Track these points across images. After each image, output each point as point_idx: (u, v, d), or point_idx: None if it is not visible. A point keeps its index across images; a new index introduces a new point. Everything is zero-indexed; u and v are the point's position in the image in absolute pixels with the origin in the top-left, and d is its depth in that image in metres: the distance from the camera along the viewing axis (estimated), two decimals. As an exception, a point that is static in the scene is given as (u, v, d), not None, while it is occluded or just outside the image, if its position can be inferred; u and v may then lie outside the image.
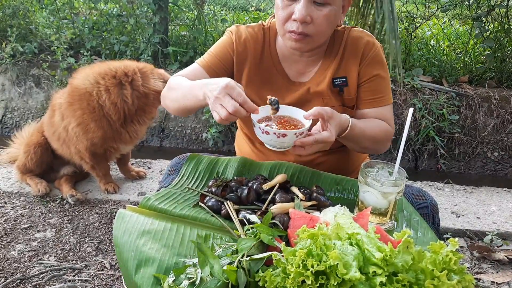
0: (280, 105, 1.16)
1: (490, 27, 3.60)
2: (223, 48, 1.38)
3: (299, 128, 1.11)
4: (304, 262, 0.75)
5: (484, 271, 1.99)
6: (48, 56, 3.61)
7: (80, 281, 1.83)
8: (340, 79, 1.34)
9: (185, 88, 1.23)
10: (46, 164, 2.48)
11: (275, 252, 0.82)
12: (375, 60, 1.34)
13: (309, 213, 1.02)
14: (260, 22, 1.43)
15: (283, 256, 0.80)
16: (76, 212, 2.30)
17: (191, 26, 3.97)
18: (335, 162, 1.41)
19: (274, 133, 1.06)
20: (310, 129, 1.14)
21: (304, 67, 1.38)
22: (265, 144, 1.14)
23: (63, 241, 2.07)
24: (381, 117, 1.36)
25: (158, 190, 1.21)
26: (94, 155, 2.31)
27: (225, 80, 1.05)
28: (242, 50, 1.37)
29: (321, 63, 1.37)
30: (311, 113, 1.12)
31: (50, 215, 2.27)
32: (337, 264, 0.73)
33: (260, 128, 1.08)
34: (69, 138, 2.28)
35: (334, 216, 0.93)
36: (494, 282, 1.91)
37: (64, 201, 2.38)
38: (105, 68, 2.19)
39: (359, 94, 1.37)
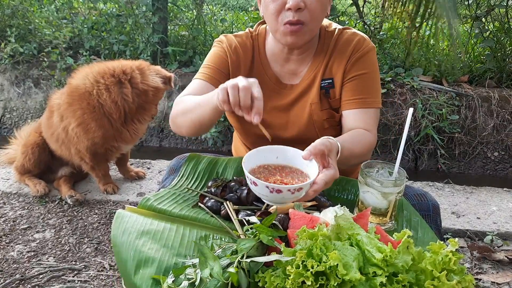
0: (279, 146, 1.08)
1: (490, 27, 3.60)
2: (219, 57, 1.36)
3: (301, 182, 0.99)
4: (304, 263, 0.75)
5: (484, 271, 1.99)
6: (50, 54, 3.60)
7: (79, 281, 1.82)
8: (326, 81, 1.32)
9: (195, 100, 1.20)
10: (44, 164, 2.48)
11: (278, 256, 0.81)
12: (364, 58, 1.30)
13: (309, 213, 1.01)
14: (247, 29, 1.41)
15: (282, 256, 0.80)
16: (75, 213, 2.30)
17: (191, 26, 3.97)
18: None
19: (267, 187, 0.93)
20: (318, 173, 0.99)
21: (296, 66, 1.35)
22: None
23: (62, 242, 2.07)
24: (362, 123, 1.28)
25: (158, 191, 1.20)
26: (95, 155, 2.30)
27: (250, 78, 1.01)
28: (235, 58, 1.36)
29: (311, 63, 1.34)
30: (311, 152, 1.00)
31: (49, 215, 2.26)
32: (337, 264, 0.72)
33: (248, 177, 0.96)
34: (68, 139, 2.28)
35: (334, 216, 0.92)
36: (494, 282, 1.91)
37: (63, 202, 2.38)
38: (103, 67, 2.18)
39: (342, 94, 1.31)
